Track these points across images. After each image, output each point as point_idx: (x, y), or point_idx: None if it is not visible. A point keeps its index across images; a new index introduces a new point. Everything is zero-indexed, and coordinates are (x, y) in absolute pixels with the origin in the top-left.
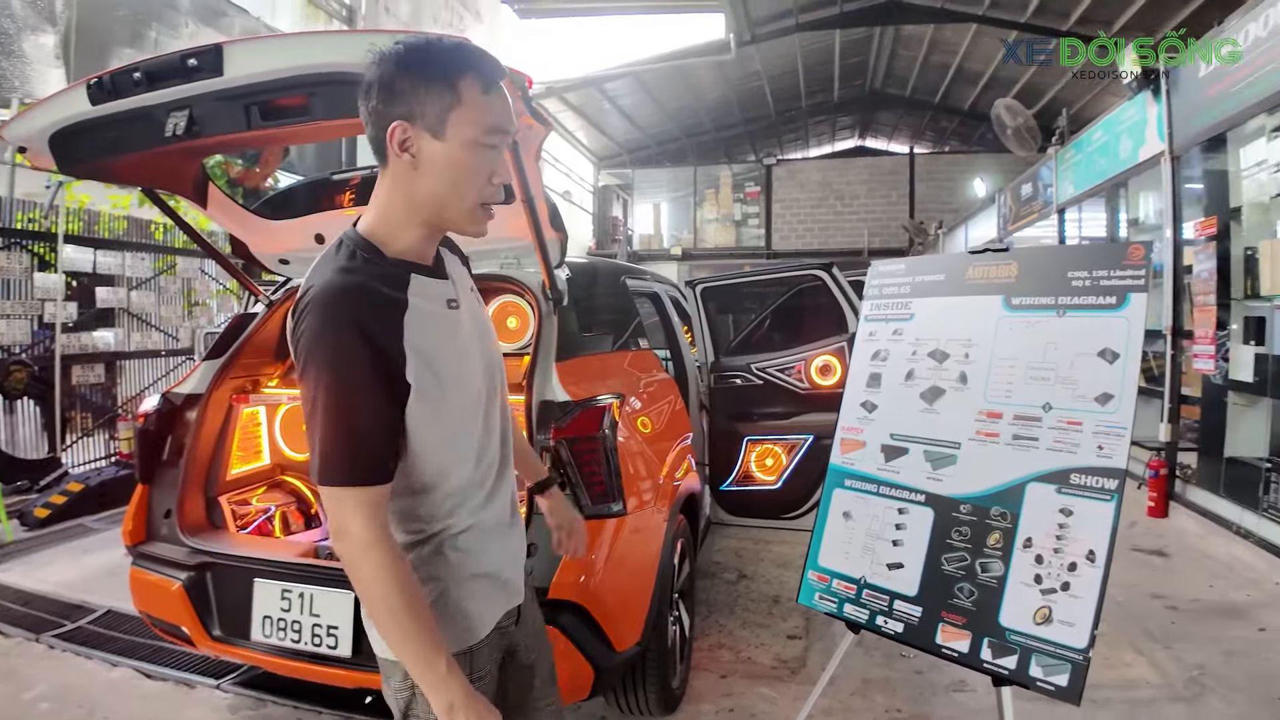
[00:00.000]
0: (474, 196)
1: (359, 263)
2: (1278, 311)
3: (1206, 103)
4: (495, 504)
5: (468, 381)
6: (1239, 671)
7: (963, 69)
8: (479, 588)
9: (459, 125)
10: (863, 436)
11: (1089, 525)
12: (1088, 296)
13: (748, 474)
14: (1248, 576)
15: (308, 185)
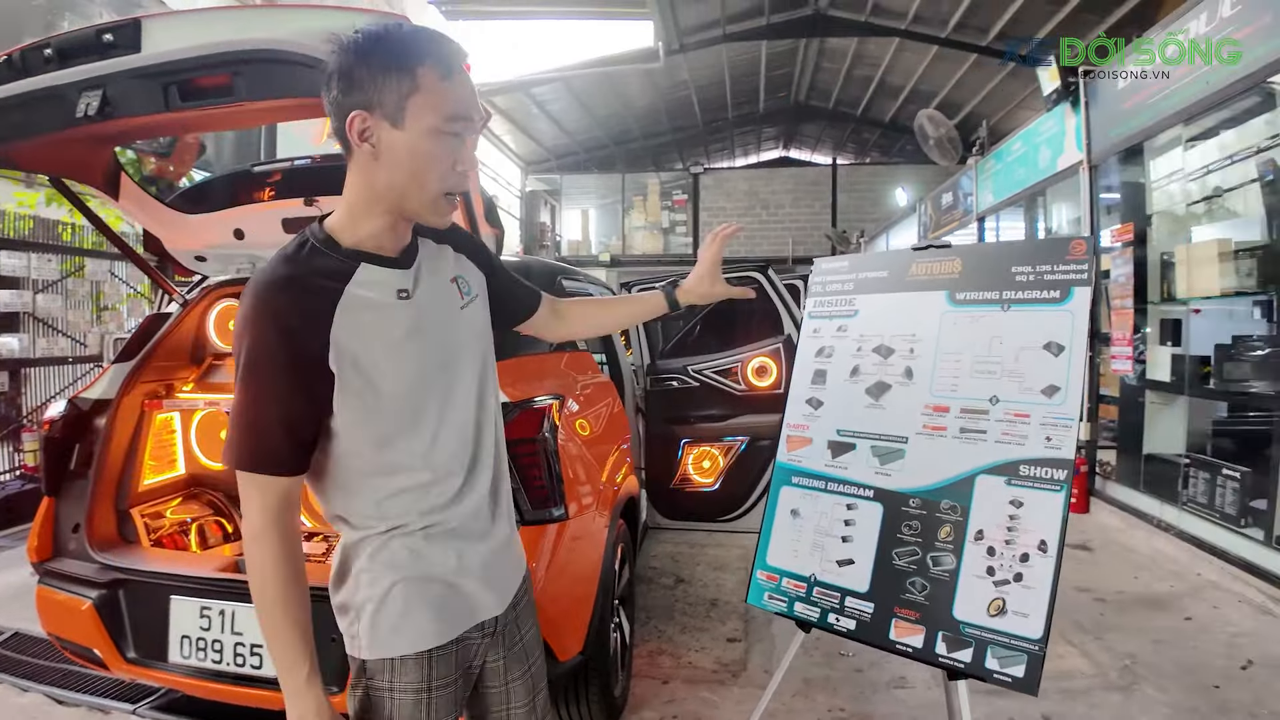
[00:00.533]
0: (436, 186)
1: (303, 253)
2: (1193, 314)
3: (1124, 114)
4: (461, 508)
5: (408, 374)
6: (1168, 660)
7: (884, 82)
8: (434, 592)
9: (418, 113)
10: (809, 433)
11: (1039, 516)
12: (1032, 291)
13: (685, 477)
14: (1170, 568)
15: (226, 178)
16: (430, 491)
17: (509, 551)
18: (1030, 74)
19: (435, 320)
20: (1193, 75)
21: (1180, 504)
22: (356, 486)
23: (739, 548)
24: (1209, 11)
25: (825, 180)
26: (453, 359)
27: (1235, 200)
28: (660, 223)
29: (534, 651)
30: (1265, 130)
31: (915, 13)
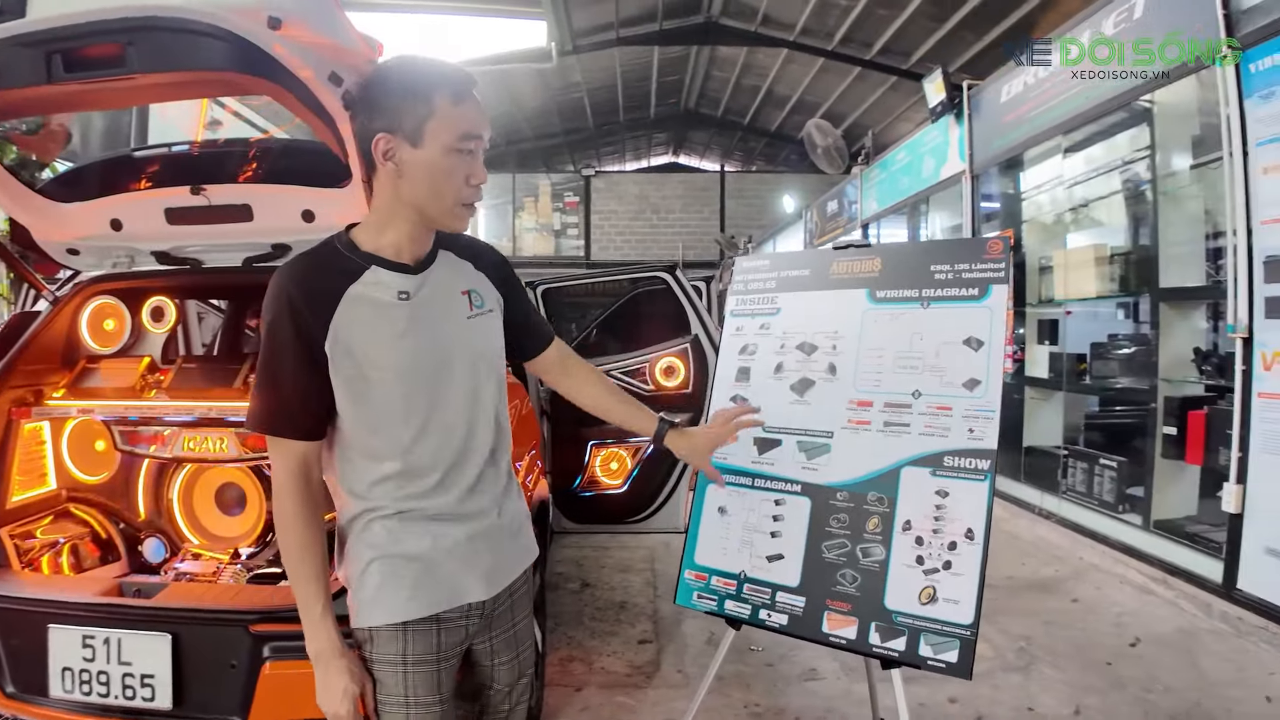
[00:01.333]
0: (453, 197)
1: (324, 252)
2: (1068, 315)
3: (1004, 127)
4: (444, 497)
5: (397, 369)
6: (1061, 640)
7: (772, 92)
8: (410, 571)
9: (435, 134)
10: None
11: (965, 504)
12: (950, 289)
13: (593, 479)
14: (1053, 553)
15: (103, 163)
16: (407, 482)
17: (503, 540)
18: (911, 88)
19: (433, 324)
20: (1071, 91)
21: (1061, 493)
22: (351, 464)
23: (644, 549)
24: (1090, 30)
25: (714, 187)
26: (448, 362)
27: (1103, 210)
28: (552, 224)
29: (525, 639)
30: (1130, 145)
31: (803, 25)
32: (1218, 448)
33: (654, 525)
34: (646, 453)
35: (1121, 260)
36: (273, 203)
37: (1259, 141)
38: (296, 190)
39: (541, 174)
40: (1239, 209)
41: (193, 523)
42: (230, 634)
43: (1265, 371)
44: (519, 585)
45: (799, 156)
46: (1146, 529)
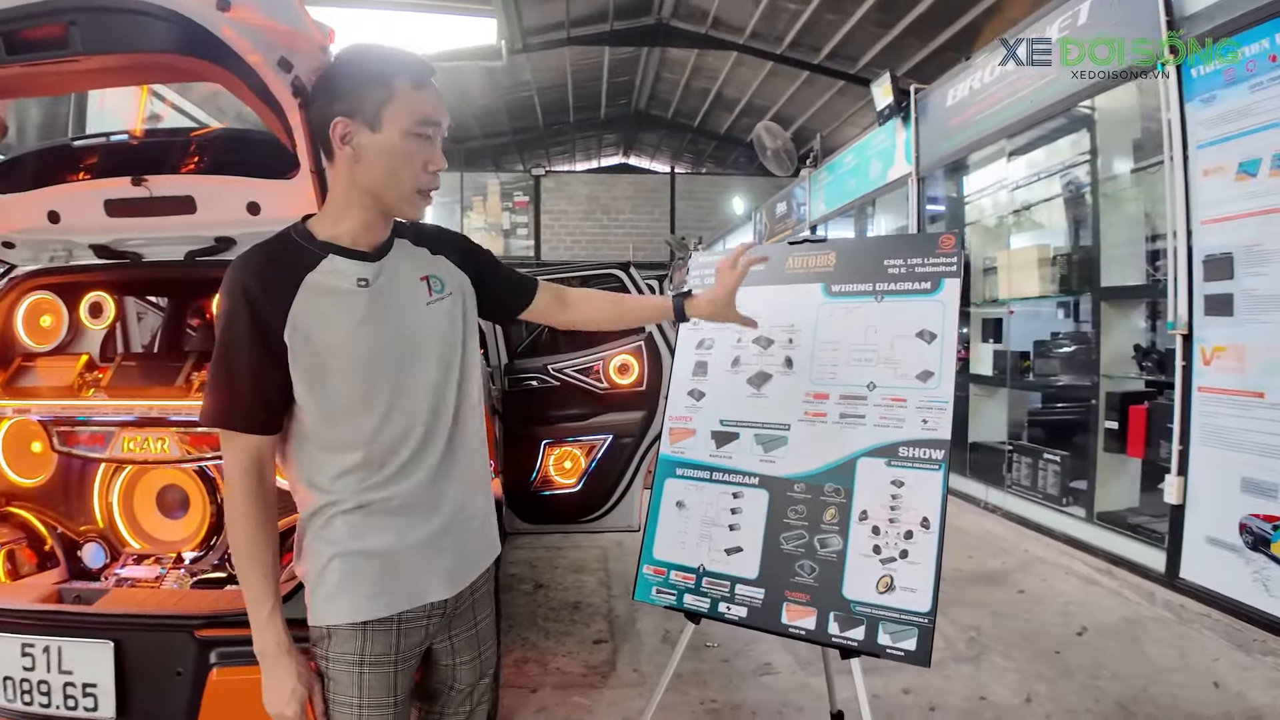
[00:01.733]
0: (410, 183)
1: (280, 242)
2: (1011, 314)
3: (950, 130)
4: (406, 484)
5: (357, 356)
6: (1010, 630)
7: (722, 95)
8: (371, 568)
9: (393, 118)
10: (692, 424)
11: (920, 494)
12: (904, 283)
13: (546, 478)
14: (999, 546)
15: (40, 154)
16: (369, 473)
17: (467, 535)
18: (858, 92)
19: (393, 311)
20: (1015, 96)
21: (1005, 487)
22: (310, 457)
23: (597, 548)
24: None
25: (664, 188)
26: (409, 349)
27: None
28: (501, 224)
29: (487, 638)
30: (1072, 149)
31: (753, 29)
32: (1158, 441)
33: (608, 524)
34: (601, 451)
35: (1064, 261)
36: (216, 194)
37: (1199, 144)
38: (241, 181)
39: (490, 173)
40: (1179, 210)
41: (134, 526)
42: (175, 640)
43: (1205, 366)
44: (481, 583)
45: (748, 159)
46: (1090, 521)
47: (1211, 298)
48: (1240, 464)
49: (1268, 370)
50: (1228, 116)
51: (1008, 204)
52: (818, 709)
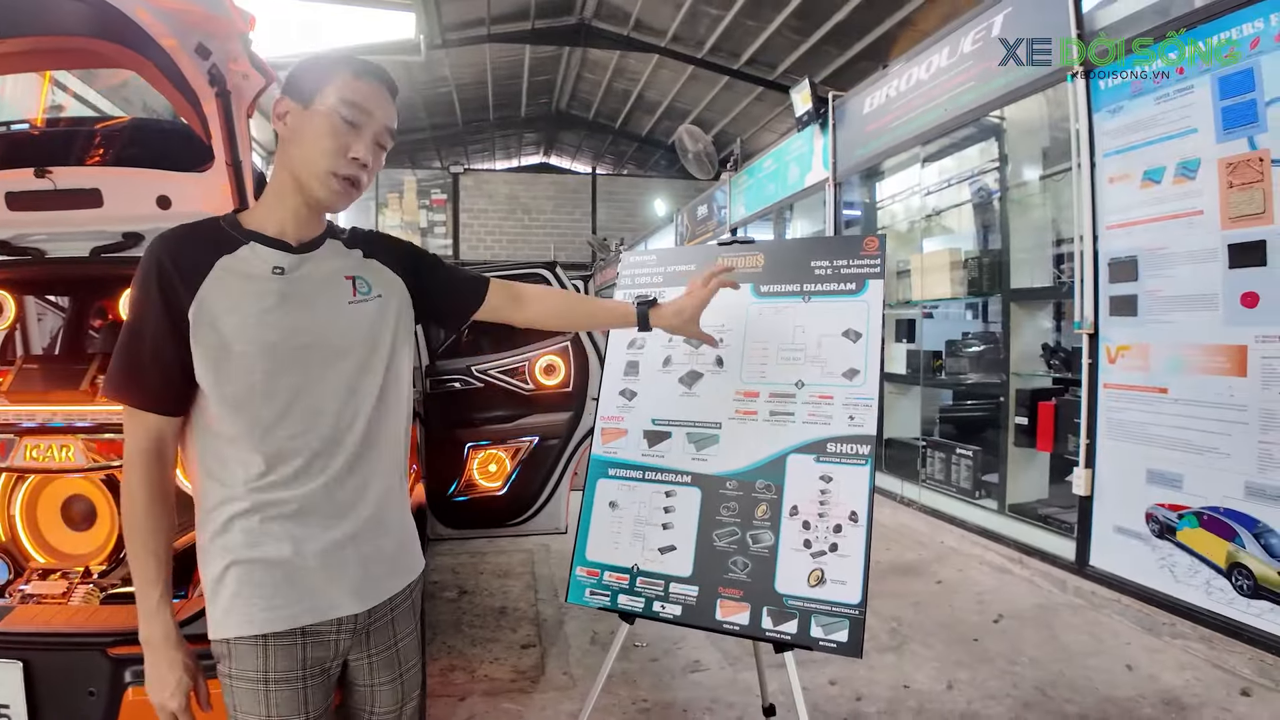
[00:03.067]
0: (326, 162)
1: (204, 224)
2: (924, 316)
3: (866, 137)
4: (307, 486)
5: (262, 344)
6: (929, 620)
7: (643, 97)
8: (269, 578)
9: (324, 95)
10: (624, 424)
11: (848, 488)
12: (830, 284)
13: (471, 482)
14: (915, 539)
15: None
16: (269, 468)
17: (380, 549)
18: (776, 98)
19: (307, 303)
20: (930, 104)
21: (920, 481)
22: (211, 448)
23: (523, 552)
24: (949, 48)
25: (585, 189)
26: (321, 345)
27: (958, 217)
28: (418, 222)
29: (409, 658)
30: (983, 157)
31: (674, 32)
32: (1066, 436)
33: (535, 527)
34: (527, 453)
35: (974, 264)
36: (125, 187)
37: (1106, 153)
38: (151, 174)
39: (407, 170)
40: (1086, 215)
41: (38, 540)
42: (87, 659)
43: (1110, 364)
44: (401, 600)
45: (669, 162)
46: (1002, 513)
47: (1116, 299)
48: (1145, 456)
49: (1171, 367)
50: (1134, 126)
51: (920, 209)
52: (747, 703)
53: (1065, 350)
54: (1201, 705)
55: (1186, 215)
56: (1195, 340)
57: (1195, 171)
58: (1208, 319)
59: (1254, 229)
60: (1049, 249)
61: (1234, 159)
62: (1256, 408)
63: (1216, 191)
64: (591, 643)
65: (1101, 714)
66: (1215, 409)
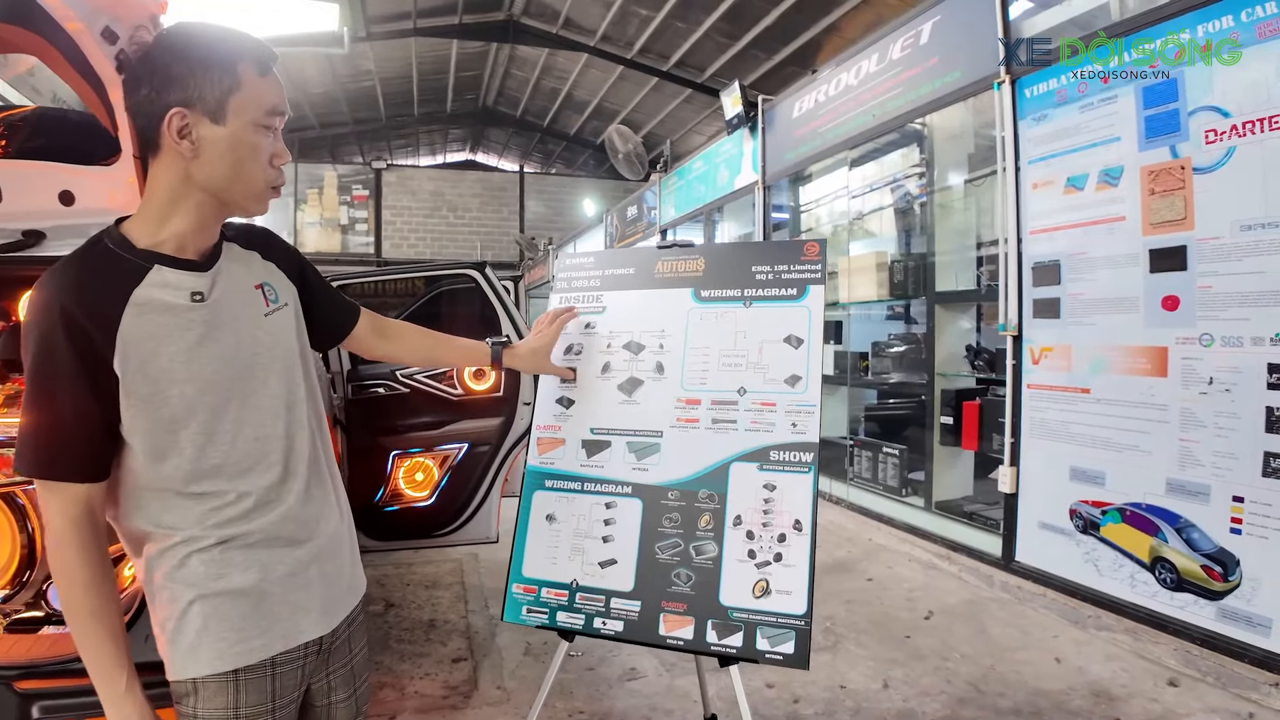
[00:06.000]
0: (261, 179)
1: (94, 253)
2: (851, 317)
3: (796, 141)
4: (264, 520)
5: (200, 381)
6: (862, 618)
7: (572, 96)
8: (238, 609)
9: (240, 108)
10: (561, 434)
11: (792, 496)
12: (771, 289)
13: (396, 492)
14: (845, 536)
15: None
16: (225, 506)
17: (338, 563)
18: (704, 101)
19: (233, 326)
20: (859, 109)
21: (848, 480)
22: (150, 498)
23: (451, 562)
24: (878, 54)
25: (513, 187)
26: (252, 368)
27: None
28: (338, 219)
29: (363, 674)
30: (909, 162)
31: (604, 32)
32: (991, 435)
33: (465, 536)
34: (455, 460)
35: (900, 266)
36: (24, 181)
37: (1030, 160)
38: (53, 167)
39: (327, 164)
40: (1011, 220)
41: None
42: None
43: (1034, 365)
44: (357, 613)
45: (598, 162)
46: (929, 510)
47: (1040, 301)
48: (1068, 455)
49: (1093, 368)
50: (1059, 134)
51: (849, 212)
52: (686, 710)
53: (989, 351)
54: (1130, 696)
55: (1109, 221)
56: (1117, 342)
57: (1118, 179)
58: (1129, 321)
59: (1175, 234)
60: (973, 252)
61: (1156, 167)
62: (1177, 407)
63: (1138, 198)
64: (525, 654)
65: (1034, 707)
66: (1136, 408)
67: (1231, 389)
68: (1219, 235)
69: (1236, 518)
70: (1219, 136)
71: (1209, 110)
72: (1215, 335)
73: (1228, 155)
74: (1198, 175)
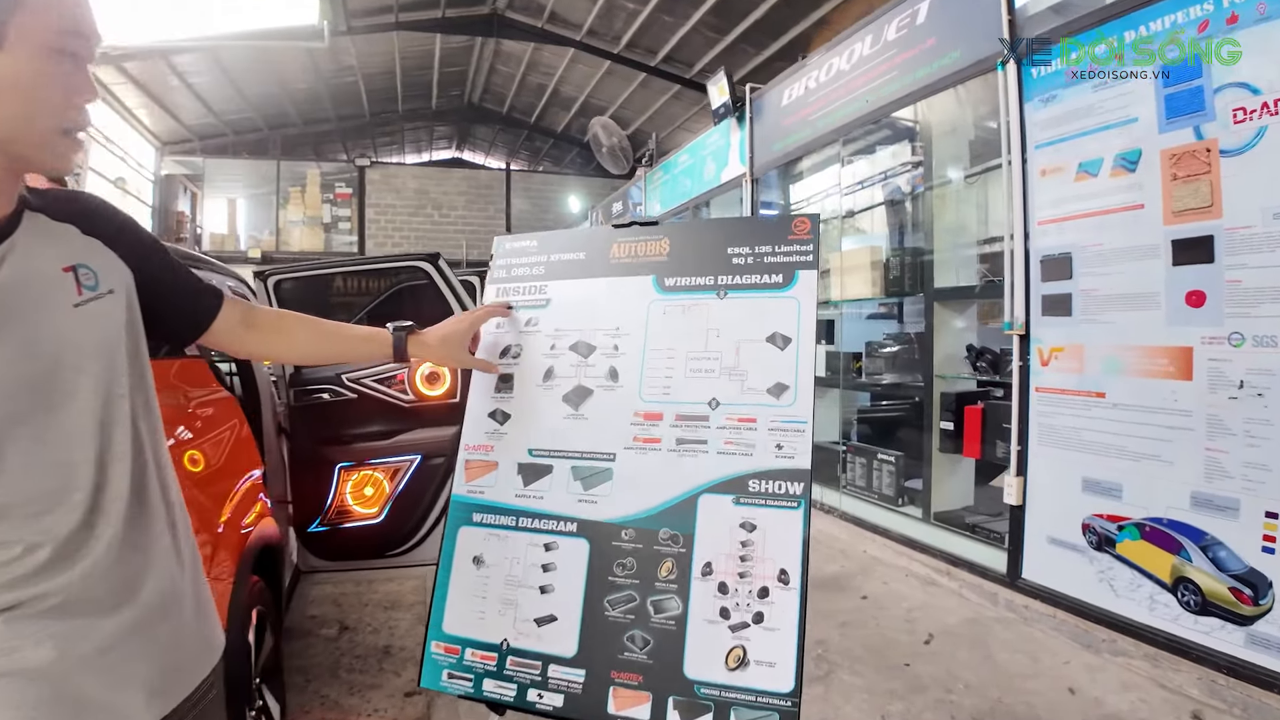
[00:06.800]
0: (52, 119)
1: None
2: (844, 316)
3: (785, 130)
4: (64, 578)
5: None
6: (857, 643)
7: (558, 92)
8: (30, 695)
9: (25, 30)
10: (493, 455)
11: (776, 539)
12: (751, 275)
13: (343, 508)
14: (838, 548)
15: None
16: (11, 559)
17: (175, 628)
18: (693, 97)
19: (26, 320)
20: (851, 95)
21: (841, 488)
22: None
23: (415, 578)
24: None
25: (499, 184)
26: (55, 373)
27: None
28: (321, 217)
29: None
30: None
31: (590, 26)
32: (994, 441)
33: (418, 558)
34: (408, 474)
35: (897, 262)
36: None
37: (1038, 144)
38: None
39: (310, 162)
40: (1017, 210)
41: None
42: None
43: (1043, 367)
44: (204, 690)
45: (585, 160)
46: (927, 521)
47: (1049, 298)
48: (1081, 464)
49: (1108, 370)
50: (1069, 116)
51: (841, 206)
52: None
53: (992, 352)
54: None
55: (1126, 209)
56: (1135, 341)
57: (1136, 163)
58: (1149, 319)
59: (1200, 223)
60: (974, 247)
61: (1178, 149)
62: (1202, 413)
63: (1159, 184)
64: None
65: None
66: (1157, 414)
67: (1264, 393)
68: (1249, 224)
69: (1269, 535)
70: (1248, 115)
71: (1236, 87)
72: (1246, 334)
73: (1258, 136)
74: (1225, 158)
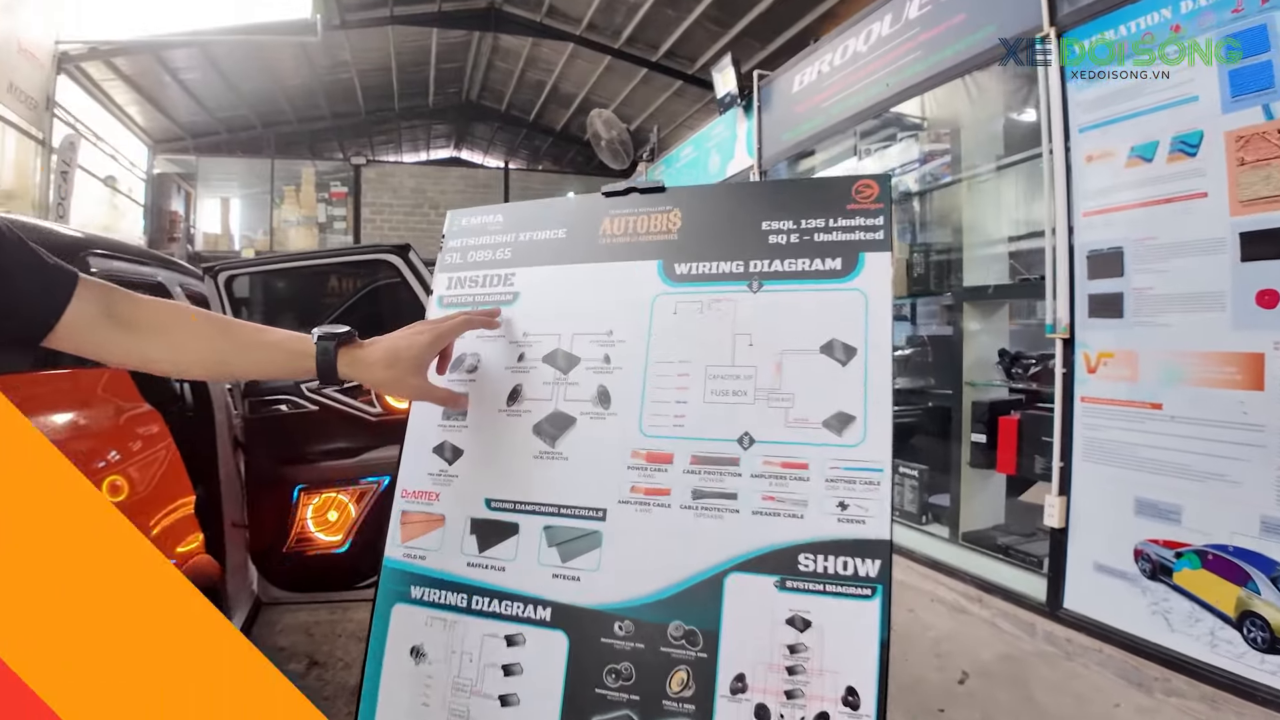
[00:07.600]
0: None
1: None
2: None
3: (796, 119)
4: None
5: None
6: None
7: (558, 89)
8: None
9: None
10: (438, 507)
11: (841, 643)
12: (797, 260)
13: (304, 535)
14: None
15: None
16: None
17: None
18: (696, 94)
19: None
20: (870, 79)
21: None
22: None
23: None
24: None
25: (497, 183)
26: None
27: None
28: (316, 216)
29: None
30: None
31: (590, 20)
32: (1032, 456)
33: None
34: (375, 496)
35: (921, 259)
36: None
37: (1082, 128)
38: None
39: (305, 160)
40: (1060, 202)
41: None
42: None
43: (1089, 374)
44: None
45: (585, 159)
46: (955, 542)
47: (1097, 298)
48: (1133, 483)
49: (1165, 379)
50: (1118, 95)
51: None
52: None
53: (1030, 357)
54: None
55: (1186, 199)
56: (1197, 347)
57: (1196, 146)
58: (1213, 321)
59: (1272, 214)
60: (1006, 243)
61: (1245, 131)
62: (1276, 427)
63: (1224, 170)
64: None
65: None
66: (1223, 429)
67: None
68: None
69: None
70: None
71: None
72: None
73: None
74: None
